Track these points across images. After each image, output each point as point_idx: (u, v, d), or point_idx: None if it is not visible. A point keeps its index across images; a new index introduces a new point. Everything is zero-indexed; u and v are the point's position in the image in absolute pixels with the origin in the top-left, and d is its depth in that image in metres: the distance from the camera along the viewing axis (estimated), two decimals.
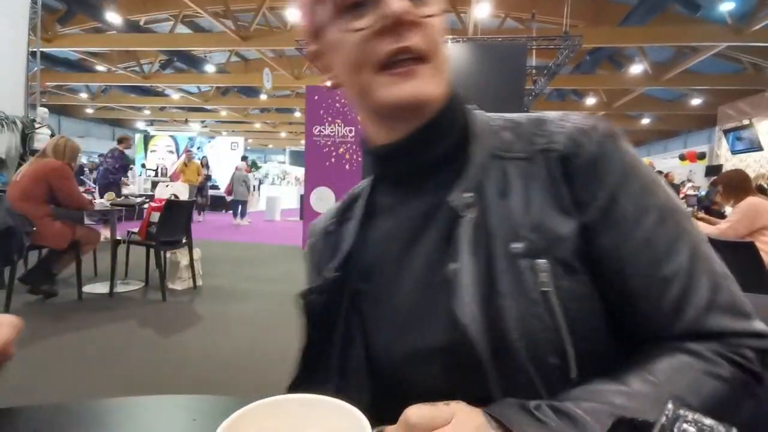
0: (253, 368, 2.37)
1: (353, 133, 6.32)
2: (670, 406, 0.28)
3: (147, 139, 16.99)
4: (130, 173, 12.35)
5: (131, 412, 0.53)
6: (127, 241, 3.69)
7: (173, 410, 0.55)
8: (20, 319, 0.48)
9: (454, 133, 0.48)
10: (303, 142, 7.46)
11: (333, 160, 6.38)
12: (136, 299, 3.63)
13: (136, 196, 6.54)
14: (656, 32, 7.71)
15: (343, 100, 6.33)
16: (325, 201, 6.41)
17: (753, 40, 7.51)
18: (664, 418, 0.27)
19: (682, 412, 0.27)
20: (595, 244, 0.42)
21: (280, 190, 15.73)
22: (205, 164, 10.18)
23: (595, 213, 0.42)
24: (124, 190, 6.33)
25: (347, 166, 6.35)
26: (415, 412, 0.33)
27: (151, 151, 16.54)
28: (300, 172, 18.04)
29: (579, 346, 0.40)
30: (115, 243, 3.60)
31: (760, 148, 8.85)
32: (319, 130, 6.39)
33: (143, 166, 14.98)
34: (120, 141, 6.31)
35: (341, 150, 6.36)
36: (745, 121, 9.22)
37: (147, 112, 18.43)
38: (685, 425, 0.26)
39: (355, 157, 6.33)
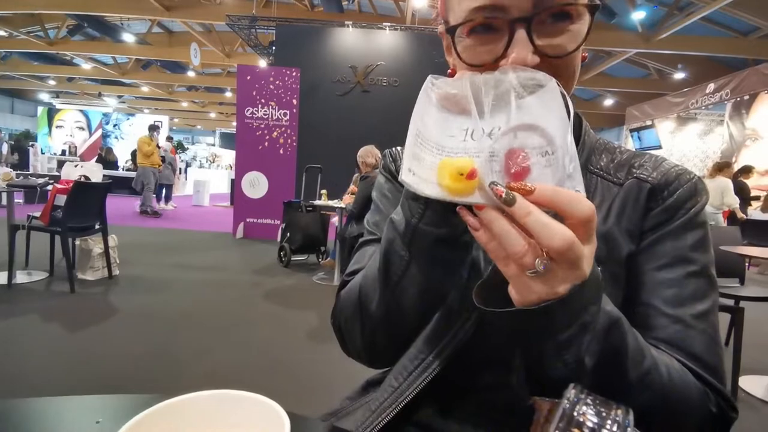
0: (170, 365, 2.23)
1: (288, 117, 6.13)
2: (571, 390, 0.30)
3: (52, 113, 15.22)
4: (31, 150, 11.01)
5: (27, 415, 0.48)
6: (28, 226, 3.30)
7: (75, 412, 0.50)
8: None
9: None
10: (234, 124, 7.09)
11: (266, 144, 6.16)
12: (39, 291, 3.27)
13: (38, 177, 5.86)
14: None
15: (277, 82, 6.12)
16: (257, 187, 6.19)
17: (659, 47, 8.34)
18: (566, 401, 0.29)
19: (583, 395, 0.29)
20: (632, 264, 0.50)
21: (209, 174, 14.90)
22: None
23: (647, 241, 0.50)
24: None
25: (281, 151, 6.15)
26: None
27: (57, 127, 14.88)
28: (231, 155, 17.20)
29: None
30: (13, 228, 3.19)
31: (659, 146, 9.92)
32: (252, 112, 6.11)
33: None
34: None
35: (275, 134, 6.15)
36: (648, 122, 10.26)
37: (52, 82, 16.44)
38: (584, 407, 0.28)
39: (290, 141, 6.16)
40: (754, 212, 5.82)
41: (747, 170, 6.58)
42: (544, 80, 0.35)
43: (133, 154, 8.83)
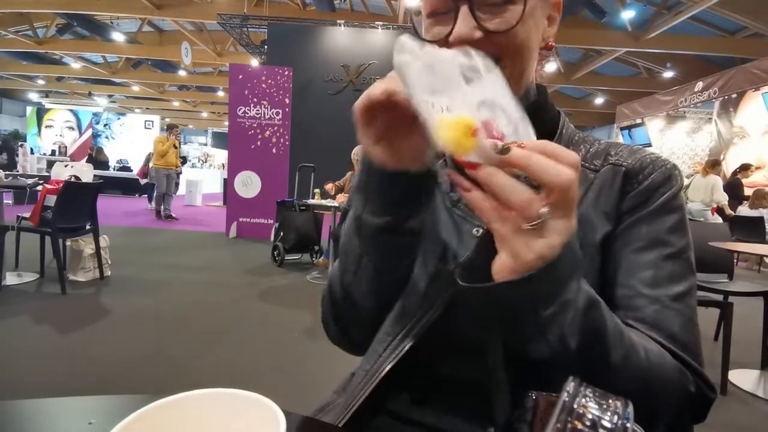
0: (164, 366, 2.22)
1: (280, 116, 6.10)
2: (570, 383, 0.30)
3: (41, 112, 15.04)
4: (20, 150, 10.84)
5: (19, 417, 0.47)
6: (17, 227, 3.25)
7: (67, 413, 0.50)
8: None
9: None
10: (227, 123, 7.05)
11: (259, 143, 6.12)
12: (30, 293, 3.23)
13: (28, 177, 5.78)
14: (567, 34, 8.32)
15: (270, 81, 6.08)
16: (250, 186, 6.15)
17: (648, 46, 8.41)
18: (566, 394, 0.29)
19: (582, 388, 0.29)
20: (610, 247, 0.50)
21: (202, 174, 14.79)
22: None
23: (624, 224, 0.51)
24: None
25: (274, 150, 6.12)
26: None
27: (47, 127, 14.70)
28: (223, 154, 17.08)
29: None
30: (3, 229, 3.15)
31: (649, 144, 10.02)
32: (244, 111, 6.08)
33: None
34: None
35: (267, 133, 6.12)
36: (638, 120, 10.35)
37: (41, 81, 16.22)
38: (584, 400, 0.28)
39: (282, 140, 6.13)
40: (743, 209, 5.89)
41: (745, 168, 6.53)
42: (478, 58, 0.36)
43: (149, 156, 8.60)
